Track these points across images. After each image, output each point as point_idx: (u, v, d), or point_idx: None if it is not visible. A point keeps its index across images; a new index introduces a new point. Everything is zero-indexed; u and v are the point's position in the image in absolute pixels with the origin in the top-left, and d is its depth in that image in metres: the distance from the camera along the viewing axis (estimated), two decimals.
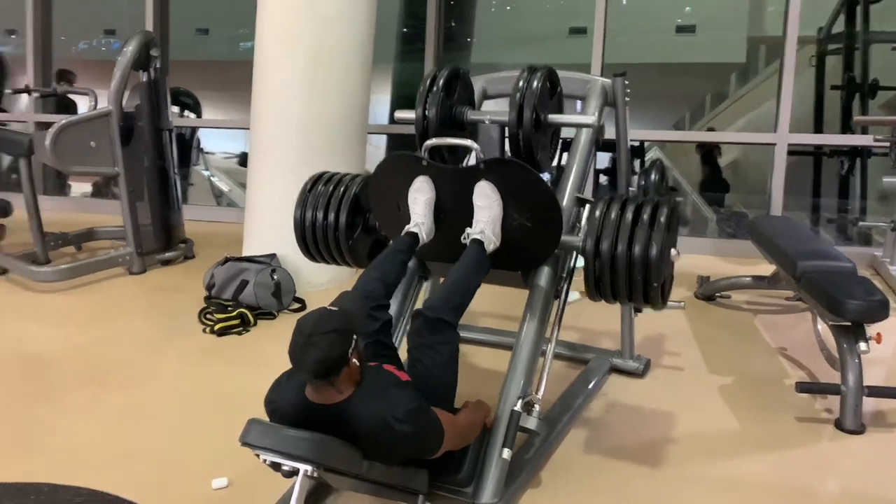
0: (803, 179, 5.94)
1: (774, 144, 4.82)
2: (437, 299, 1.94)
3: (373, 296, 1.96)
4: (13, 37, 7.31)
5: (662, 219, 2.00)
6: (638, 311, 2.86)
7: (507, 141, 2.35)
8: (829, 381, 2.54)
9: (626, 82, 2.69)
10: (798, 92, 4.97)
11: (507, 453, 1.95)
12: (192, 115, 7.31)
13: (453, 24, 6.24)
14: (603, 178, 5.97)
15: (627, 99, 2.72)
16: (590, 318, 3.40)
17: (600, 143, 2.73)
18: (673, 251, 2.07)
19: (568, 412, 2.49)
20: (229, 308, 3.45)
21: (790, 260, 2.84)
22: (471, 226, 2.07)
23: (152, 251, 4.32)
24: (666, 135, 6.46)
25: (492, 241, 2.06)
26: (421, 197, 2.13)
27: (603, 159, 5.85)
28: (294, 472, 1.48)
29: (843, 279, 2.56)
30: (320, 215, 2.43)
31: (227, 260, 3.69)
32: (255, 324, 3.41)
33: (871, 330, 2.48)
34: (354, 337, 1.57)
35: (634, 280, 2.00)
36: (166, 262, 4.43)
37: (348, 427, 1.58)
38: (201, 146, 7.47)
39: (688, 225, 6.21)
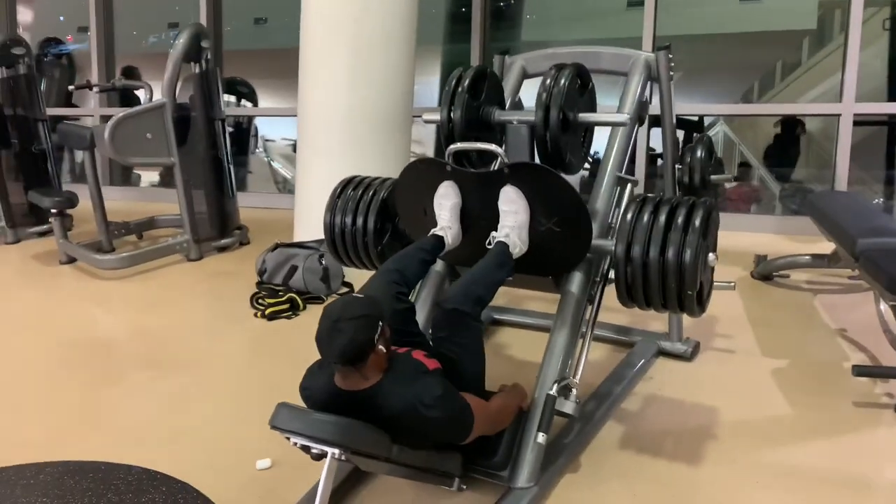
0: (877, 151, 5.62)
1: (839, 115, 4.56)
2: (455, 290, 1.92)
3: (396, 282, 1.95)
4: (88, 34, 7.64)
5: (697, 222, 1.92)
6: None
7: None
8: (892, 364, 2.42)
9: (671, 56, 2.60)
10: (874, 58, 4.68)
11: (542, 438, 1.94)
12: (249, 104, 7.48)
13: (502, 2, 6.14)
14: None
15: (672, 73, 2.63)
16: None
17: (644, 120, 2.66)
18: (710, 256, 2.00)
19: (610, 396, 2.45)
20: (280, 293, 3.53)
21: (849, 237, 2.70)
22: (496, 231, 2.04)
23: (208, 238, 4.46)
24: (724, 108, 6.23)
25: (517, 246, 2.02)
26: (446, 202, 2.11)
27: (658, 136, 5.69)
28: (322, 455, 1.51)
29: None
30: (349, 220, 2.44)
31: (277, 246, 3.77)
32: (305, 308, 3.48)
33: None
34: (380, 323, 1.57)
35: (668, 287, 1.94)
36: (222, 249, 4.56)
37: (378, 413, 1.59)
38: (259, 133, 7.64)
39: (759, 202, 5.99)
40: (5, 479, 2.12)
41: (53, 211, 4.27)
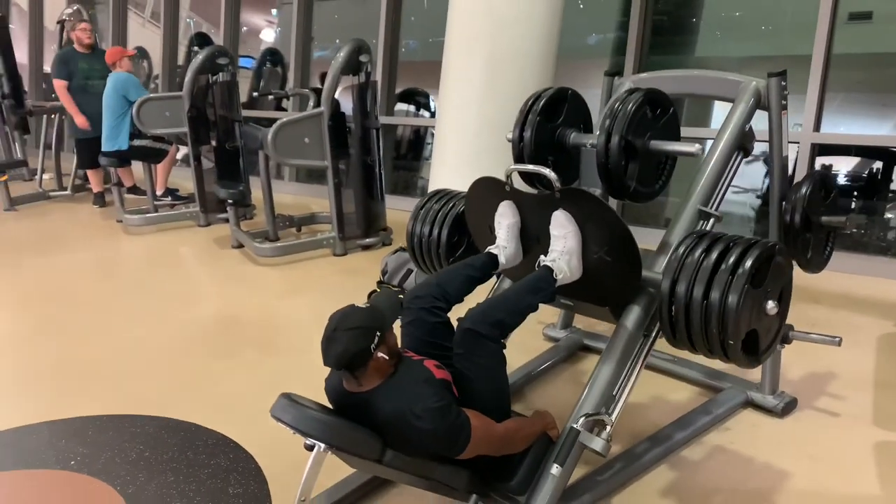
0: None
1: None
2: (475, 311, 1.93)
3: (425, 297, 2.02)
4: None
5: (748, 264, 1.77)
6: (784, 341, 2.53)
7: None
8: None
9: (784, 83, 2.40)
10: None
11: (555, 469, 1.91)
12: (427, 114, 7.89)
13: (666, 16, 5.87)
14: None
15: (785, 102, 2.43)
16: None
17: (749, 151, 2.47)
18: (770, 304, 1.84)
19: (669, 441, 2.32)
20: (396, 293, 3.75)
21: None
22: (546, 255, 2.04)
23: (354, 236, 4.84)
24: None
25: (562, 272, 1.99)
26: (504, 221, 2.14)
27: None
28: (312, 447, 1.65)
29: None
30: (426, 230, 2.54)
31: (398, 249, 4.00)
32: None
33: None
34: (378, 334, 1.67)
35: (710, 332, 1.82)
36: (366, 248, 4.91)
37: (373, 416, 1.70)
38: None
39: None
40: (119, 426, 2.55)
41: (229, 201, 4.90)
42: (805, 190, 2.35)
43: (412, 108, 7.75)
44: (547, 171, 2.09)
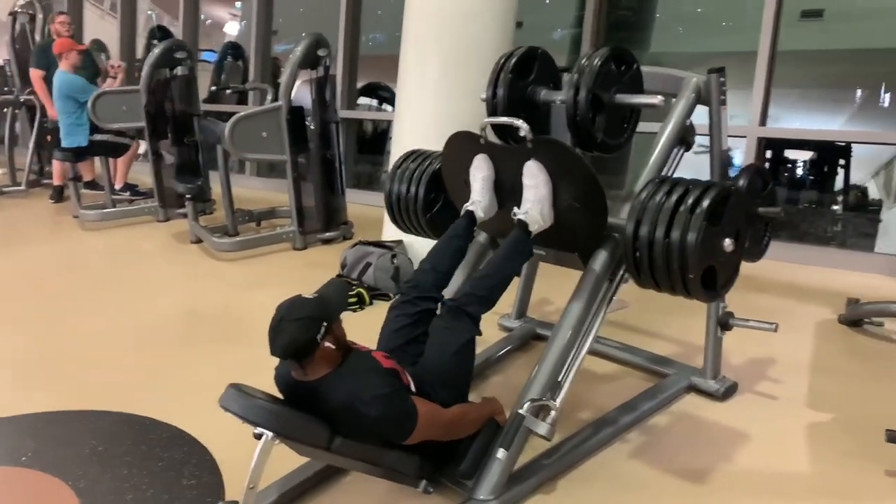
0: None
1: None
2: (466, 290, 2.05)
3: (421, 285, 2.11)
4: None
5: (705, 203, 1.89)
6: (724, 328, 2.63)
7: None
8: None
9: (723, 79, 2.49)
10: None
11: (501, 454, 1.98)
12: (390, 108, 7.90)
13: (630, 11, 5.98)
14: None
15: (724, 97, 2.52)
16: (688, 331, 3.17)
17: (691, 145, 2.56)
18: (726, 242, 1.95)
19: (614, 425, 2.40)
20: (353, 287, 3.79)
21: None
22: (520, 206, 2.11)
23: (314, 230, 4.85)
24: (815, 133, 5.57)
25: (537, 222, 2.09)
26: (479, 174, 2.22)
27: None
28: (260, 436, 1.68)
29: None
30: (404, 189, 2.59)
31: (357, 243, 4.04)
32: (371, 303, 3.70)
33: None
34: (325, 324, 1.72)
35: (672, 269, 1.92)
36: (327, 241, 4.93)
37: (321, 405, 1.74)
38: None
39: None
40: (76, 421, 2.55)
41: (187, 196, 4.87)
42: (742, 182, 2.45)
43: (375, 102, 7.75)
44: (519, 122, 2.14)
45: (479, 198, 2.21)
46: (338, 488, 2.12)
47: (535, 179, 2.08)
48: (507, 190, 2.21)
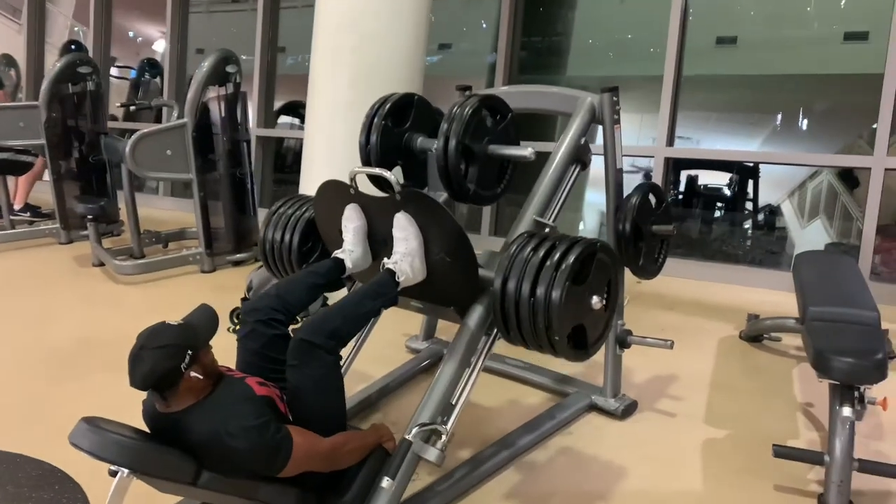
0: None
1: (869, 169, 4.19)
2: (311, 320, 1.91)
3: (262, 309, 1.98)
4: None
5: (570, 260, 1.84)
6: (622, 346, 2.64)
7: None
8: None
9: (616, 98, 2.52)
10: None
11: (386, 482, 1.90)
12: None
13: (557, 37, 6.07)
14: None
15: (617, 117, 2.54)
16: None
17: (587, 164, 2.57)
18: (594, 299, 1.91)
19: (513, 447, 2.36)
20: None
21: (803, 303, 2.47)
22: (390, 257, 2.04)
23: (223, 252, 4.69)
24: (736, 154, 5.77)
25: (405, 274, 2.00)
26: (350, 225, 2.13)
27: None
28: (115, 473, 1.56)
29: (847, 330, 2.19)
30: (278, 236, 2.47)
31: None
32: None
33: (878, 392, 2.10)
34: (189, 352, 1.61)
35: (538, 327, 1.87)
36: (237, 263, 4.77)
37: (186, 437, 1.63)
38: None
39: None
40: None
41: (88, 217, 4.64)
42: (635, 200, 2.47)
43: (297, 120, 7.62)
44: (387, 174, 2.08)
45: (350, 248, 2.13)
46: None
47: (404, 232, 2.01)
48: (380, 241, 2.13)
